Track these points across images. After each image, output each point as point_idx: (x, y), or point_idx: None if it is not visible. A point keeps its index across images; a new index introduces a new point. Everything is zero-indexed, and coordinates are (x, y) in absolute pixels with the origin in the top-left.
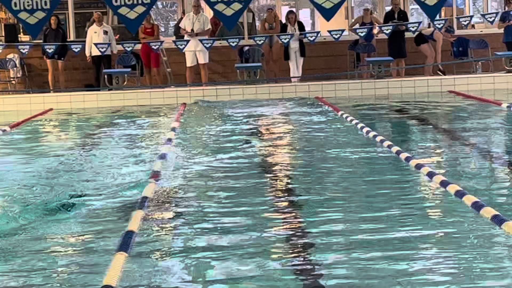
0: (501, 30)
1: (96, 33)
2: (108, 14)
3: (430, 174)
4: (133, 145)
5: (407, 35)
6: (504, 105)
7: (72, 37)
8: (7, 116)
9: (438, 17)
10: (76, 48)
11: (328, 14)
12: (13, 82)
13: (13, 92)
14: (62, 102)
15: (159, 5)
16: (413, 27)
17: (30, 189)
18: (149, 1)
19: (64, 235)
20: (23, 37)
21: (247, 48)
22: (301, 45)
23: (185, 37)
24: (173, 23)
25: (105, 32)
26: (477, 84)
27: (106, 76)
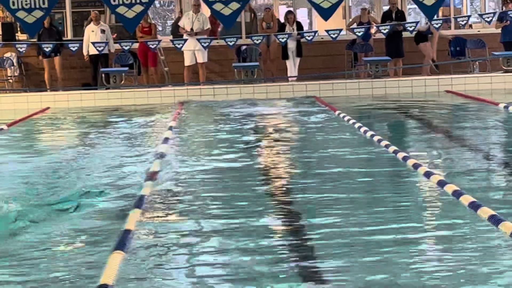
0: (499, 30)
1: (94, 32)
2: (106, 13)
3: (427, 174)
4: (130, 144)
5: (405, 34)
6: (501, 105)
7: (70, 36)
8: (4, 114)
9: (436, 17)
10: (74, 47)
11: (326, 14)
12: (10, 80)
13: (10, 90)
14: (59, 101)
15: (157, 4)
16: (411, 27)
17: (27, 188)
18: (147, 0)
19: (61, 234)
20: (21, 35)
21: (244, 47)
22: (298, 45)
23: (184, 36)
24: (170, 22)
25: (103, 31)
26: (474, 84)
27: (103, 75)
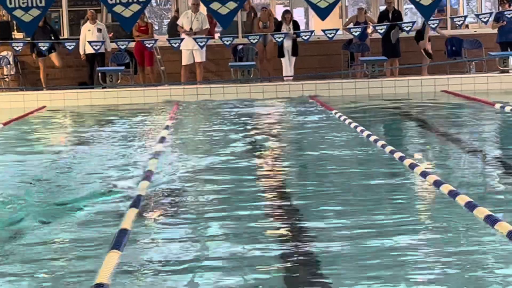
0: (495, 31)
1: (90, 31)
2: (102, 12)
3: (424, 174)
4: (126, 143)
5: (401, 34)
6: (497, 106)
7: (66, 34)
8: (0, 113)
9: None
10: (70, 46)
11: (323, 14)
12: (7, 79)
13: (6, 89)
14: (56, 100)
15: (153, 3)
16: (407, 27)
17: (23, 187)
18: None
19: (57, 233)
20: (17, 34)
21: (241, 46)
22: (294, 44)
23: (182, 35)
24: (167, 21)
25: (99, 30)
26: (470, 84)
27: (99, 74)
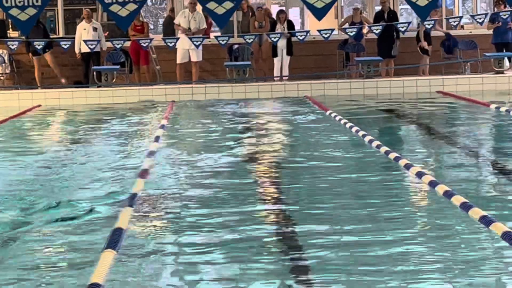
0: (490, 31)
1: (86, 30)
2: (98, 11)
3: (419, 174)
4: (121, 142)
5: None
6: (493, 106)
7: (61, 33)
8: None
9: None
10: (65, 45)
11: (320, 14)
12: (2, 78)
13: (1, 88)
14: (51, 99)
15: (148, 2)
16: (403, 27)
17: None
18: None
19: (53, 233)
20: (12, 33)
21: (236, 46)
22: (288, 44)
23: (179, 34)
24: (162, 20)
25: (95, 29)
26: (465, 85)
27: (95, 73)
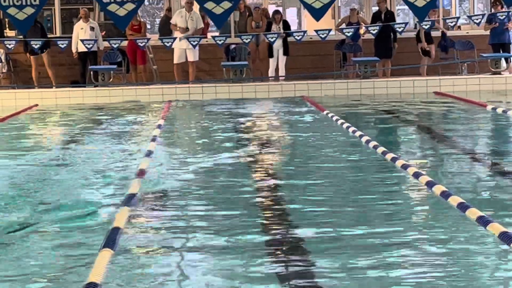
0: (487, 32)
1: (83, 29)
2: (95, 11)
3: (416, 175)
4: (118, 142)
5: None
6: (489, 107)
7: (58, 33)
8: None
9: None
10: (63, 44)
11: (318, 14)
12: None
13: None
14: (48, 98)
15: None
16: (400, 28)
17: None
18: None
19: (51, 232)
20: (9, 32)
21: (233, 46)
22: (284, 44)
23: (176, 34)
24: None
25: (92, 29)
26: (462, 86)
27: (92, 73)
